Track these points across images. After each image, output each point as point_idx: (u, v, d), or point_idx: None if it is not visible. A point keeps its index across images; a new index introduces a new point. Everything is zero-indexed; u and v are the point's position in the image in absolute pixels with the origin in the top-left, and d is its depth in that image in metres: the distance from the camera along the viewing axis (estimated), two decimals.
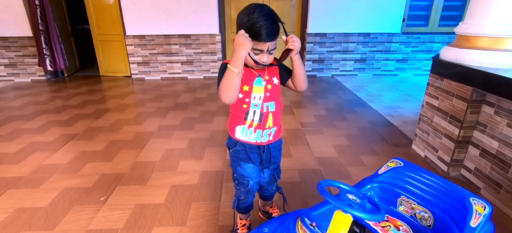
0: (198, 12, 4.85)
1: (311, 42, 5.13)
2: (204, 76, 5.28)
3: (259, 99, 1.24)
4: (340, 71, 5.36)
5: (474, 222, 1.10)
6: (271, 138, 1.33)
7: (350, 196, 1.00)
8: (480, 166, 2.01)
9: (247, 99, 1.23)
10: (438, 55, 2.39)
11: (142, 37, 5.01)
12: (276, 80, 1.27)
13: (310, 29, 5.06)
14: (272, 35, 1.07)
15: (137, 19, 4.90)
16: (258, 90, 1.23)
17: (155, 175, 2.21)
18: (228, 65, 1.09)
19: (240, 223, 1.61)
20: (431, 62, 2.42)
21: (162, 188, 2.04)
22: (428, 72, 2.48)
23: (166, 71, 5.27)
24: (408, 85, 4.69)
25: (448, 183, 1.26)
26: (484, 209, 1.13)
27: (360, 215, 0.88)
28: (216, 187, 2.06)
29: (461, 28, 2.21)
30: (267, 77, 1.24)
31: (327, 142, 2.72)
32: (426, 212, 1.27)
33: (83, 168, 2.30)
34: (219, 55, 5.13)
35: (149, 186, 2.07)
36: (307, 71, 5.34)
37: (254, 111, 1.25)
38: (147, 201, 1.91)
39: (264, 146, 1.34)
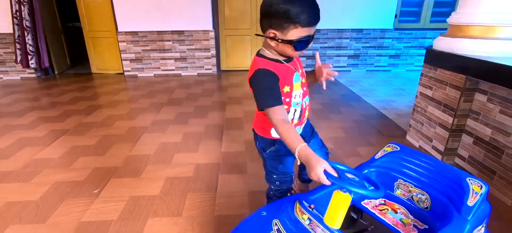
0: (192, 8, 4.82)
1: None
2: (198, 73, 5.24)
3: (299, 97, 1.18)
4: (334, 67, 5.37)
5: (471, 201, 1.11)
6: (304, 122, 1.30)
7: (349, 175, 0.99)
8: (473, 153, 2.03)
9: (287, 99, 1.14)
10: (431, 46, 2.41)
11: (134, 33, 4.95)
12: (303, 79, 1.22)
13: None
14: (316, 17, 1.00)
15: (129, 15, 4.84)
16: (297, 88, 1.17)
17: (150, 168, 2.17)
18: (297, 150, 0.95)
19: None
20: (423, 57, 2.45)
21: (157, 181, 2.01)
22: (421, 68, 2.50)
23: (159, 68, 5.22)
24: (401, 80, 4.73)
25: (444, 165, 1.27)
26: (481, 188, 1.13)
27: (360, 191, 0.87)
28: (211, 178, 2.03)
29: (454, 18, 2.23)
30: (300, 71, 1.19)
31: (324, 135, 2.72)
32: (423, 194, 1.27)
33: (75, 162, 2.25)
34: (213, 51, 5.11)
35: (143, 179, 2.03)
36: None
37: (295, 110, 1.19)
38: (142, 192, 1.88)
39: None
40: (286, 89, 1.11)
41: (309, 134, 1.39)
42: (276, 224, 1.04)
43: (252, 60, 1.15)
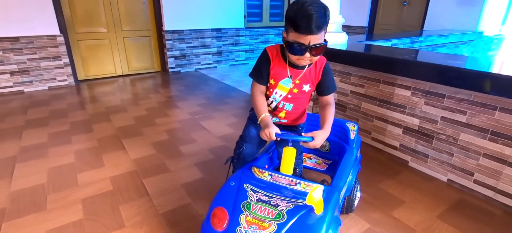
0: (27, 9, 3.94)
1: (170, 40, 5.22)
2: (48, 87, 4.36)
3: (279, 96, 1.34)
4: (202, 65, 5.74)
5: (352, 136, 1.73)
6: (282, 121, 1.45)
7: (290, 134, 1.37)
8: (404, 141, 2.29)
9: (270, 89, 1.34)
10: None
11: None
12: (307, 88, 1.31)
13: (166, 26, 5.12)
14: (314, 27, 1.06)
15: None
16: (282, 89, 1.32)
17: (53, 196, 1.87)
18: (261, 116, 1.28)
19: None
20: None
21: (72, 205, 1.78)
22: None
23: None
24: None
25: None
26: (355, 127, 1.78)
27: (300, 138, 1.26)
28: (137, 185, 1.99)
29: None
30: (297, 82, 1.29)
31: (220, 123, 3.05)
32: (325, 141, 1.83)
33: None
34: (65, 59, 4.38)
35: (52, 209, 1.75)
36: (170, 68, 5.41)
37: (272, 101, 1.37)
38: (60, 223, 1.64)
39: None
40: (272, 81, 1.31)
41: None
42: (248, 187, 1.29)
43: None
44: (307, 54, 1.14)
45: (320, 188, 1.09)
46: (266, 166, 1.56)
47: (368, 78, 2.43)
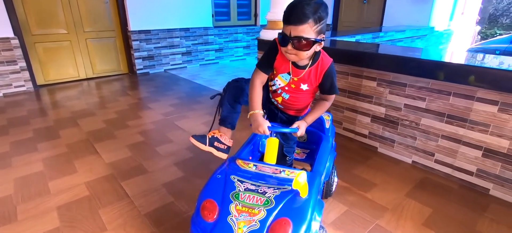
0: None
1: (137, 40, 5.06)
2: (3, 94, 4.03)
3: (278, 84, 1.42)
4: (171, 65, 5.63)
5: (327, 125, 1.84)
6: (279, 106, 1.52)
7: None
8: (373, 129, 2.44)
9: (274, 74, 1.41)
10: (259, 36, 3.22)
11: None
12: (304, 87, 1.37)
13: (132, 27, 4.96)
14: (293, 17, 1.11)
15: None
16: (281, 80, 1.40)
17: (23, 206, 1.76)
18: (252, 112, 1.33)
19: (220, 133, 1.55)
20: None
21: (46, 214, 1.70)
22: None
23: None
24: (231, 70, 5.65)
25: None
26: (329, 116, 1.89)
27: (287, 130, 1.34)
28: (115, 188, 1.94)
29: (270, 15, 3.11)
30: (295, 79, 1.35)
31: (196, 122, 3.04)
32: None
33: None
34: (22, 63, 4.08)
35: (24, 220, 1.66)
36: (138, 69, 5.25)
37: (274, 84, 1.44)
38: (36, 231, 1.56)
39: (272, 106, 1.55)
40: (274, 71, 1.39)
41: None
42: (234, 178, 1.34)
43: None
44: (290, 47, 1.18)
45: (304, 173, 1.16)
46: (250, 158, 1.61)
47: (337, 72, 2.57)
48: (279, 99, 1.48)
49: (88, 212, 1.72)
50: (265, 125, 1.30)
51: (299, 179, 1.11)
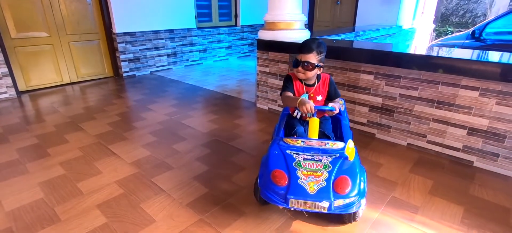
0: None
1: (122, 42, 4.99)
2: None
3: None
4: (157, 67, 5.60)
5: (342, 108, 2.06)
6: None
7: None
8: (371, 118, 2.74)
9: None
10: (257, 37, 3.40)
11: None
12: (319, 98, 1.86)
13: (117, 29, 4.88)
14: (304, 49, 1.71)
15: None
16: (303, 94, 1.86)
17: (61, 208, 1.80)
18: (298, 100, 1.65)
19: None
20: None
21: (88, 213, 1.75)
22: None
23: None
24: (217, 70, 5.75)
25: None
26: (342, 101, 2.12)
27: (327, 108, 1.65)
28: (147, 185, 2.02)
29: (269, 17, 3.30)
30: (312, 94, 1.83)
31: (202, 120, 3.15)
32: None
33: None
34: (3, 69, 3.87)
35: (68, 219, 1.70)
36: (125, 72, 5.17)
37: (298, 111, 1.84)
38: (85, 229, 1.62)
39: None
40: (294, 92, 1.86)
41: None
42: (290, 152, 1.59)
43: None
44: (300, 68, 1.73)
45: (350, 141, 1.47)
46: (295, 136, 1.82)
47: (336, 68, 2.84)
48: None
49: (130, 207, 1.80)
50: (312, 103, 1.61)
51: (349, 145, 1.46)
